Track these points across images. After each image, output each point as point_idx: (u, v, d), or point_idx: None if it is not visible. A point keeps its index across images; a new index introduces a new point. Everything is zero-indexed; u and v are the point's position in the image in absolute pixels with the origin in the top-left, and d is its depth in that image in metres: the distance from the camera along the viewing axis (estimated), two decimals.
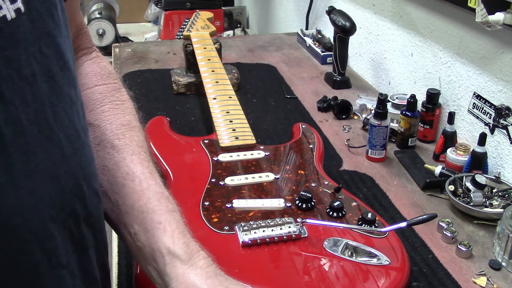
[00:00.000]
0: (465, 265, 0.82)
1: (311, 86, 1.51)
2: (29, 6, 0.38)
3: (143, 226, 0.52)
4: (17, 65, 0.37)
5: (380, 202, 0.97)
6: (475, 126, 1.10)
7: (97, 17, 2.51)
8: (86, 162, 0.45)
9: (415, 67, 1.32)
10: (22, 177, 0.37)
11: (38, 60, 0.39)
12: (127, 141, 0.56)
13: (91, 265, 0.47)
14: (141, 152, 0.57)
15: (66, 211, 0.42)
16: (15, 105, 0.37)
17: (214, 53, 1.33)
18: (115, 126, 0.56)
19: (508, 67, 0.99)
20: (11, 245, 0.37)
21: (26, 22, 0.38)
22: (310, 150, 1.01)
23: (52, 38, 0.41)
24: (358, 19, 1.54)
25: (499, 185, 0.94)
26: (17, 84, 0.37)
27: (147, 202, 0.53)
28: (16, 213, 0.37)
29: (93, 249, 0.47)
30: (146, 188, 0.54)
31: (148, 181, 0.55)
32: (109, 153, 0.55)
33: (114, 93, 0.60)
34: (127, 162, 0.55)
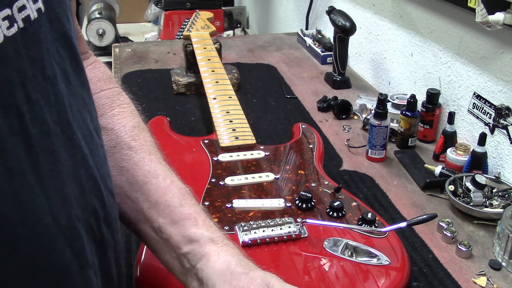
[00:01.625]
0: (465, 265, 0.82)
1: (311, 86, 1.51)
2: (48, 6, 0.38)
3: (169, 219, 0.54)
4: (41, 65, 0.37)
5: (380, 202, 0.97)
6: (475, 126, 1.10)
7: (97, 17, 2.51)
8: (101, 162, 0.46)
9: (415, 67, 1.32)
10: (50, 177, 0.38)
11: (57, 61, 0.39)
12: (142, 142, 0.58)
13: (110, 265, 0.47)
14: (157, 152, 0.59)
15: (88, 211, 0.42)
16: (41, 105, 0.37)
17: (214, 53, 1.33)
18: (128, 128, 0.58)
19: (508, 67, 0.99)
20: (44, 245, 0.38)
21: (46, 22, 0.38)
22: (310, 150, 1.01)
23: (67, 38, 0.41)
24: (358, 19, 1.54)
25: (499, 185, 0.94)
26: (41, 85, 0.37)
27: (173, 197, 0.55)
28: (47, 213, 0.37)
29: (112, 249, 0.47)
30: (170, 184, 0.56)
31: (171, 177, 0.57)
32: (126, 154, 0.56)
33: (119, 97, 0.61)
34: (146, 161, 0.56)
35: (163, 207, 0.54)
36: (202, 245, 0.52)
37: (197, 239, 0.53)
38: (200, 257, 0.52)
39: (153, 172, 0.56)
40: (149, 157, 0.57)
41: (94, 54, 0.63)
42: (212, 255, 0.52)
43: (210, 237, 0.53)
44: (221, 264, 0.51)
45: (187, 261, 0.53)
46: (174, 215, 0.54)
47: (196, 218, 0.55)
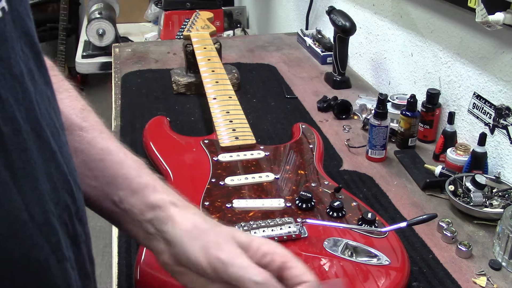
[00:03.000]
0: (465, 265, 0.82)
1: (311, 86, 1.51)
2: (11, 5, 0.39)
3: (129, 190, 0.55)
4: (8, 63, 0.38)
5: (380, 202, 0.97)
6: (475, 126, 1.10)
7: (97, 17, 2.51)
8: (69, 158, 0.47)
9: (415, 67, 1.32)
10: (23, 175, 0.38)
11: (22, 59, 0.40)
12: (93, 122, 0.60)
13: (84, 259, 0.48)
14: (107, 131, 0.61)
15: (61, 206, 0.43)
16: (10, 103, 0.37)
17: (214, 53, 1.33)
18: (77, 110, 0.60)
19: (508, 67, 0.99)
20: (23, 241, 0.38)
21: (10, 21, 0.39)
22: (310, 150, 1.01)
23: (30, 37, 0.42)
24: (358, 19, 1.54)
25: (499, 185, 0.94)
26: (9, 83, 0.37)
27: (129, 169, 0.57)
28: (22, 209, 0.38)
29: (84, 244, 0.48)
30: (125, 158, 0.58)
31: (124, 151, 0.59)
32: (79, 135, 0.58)
33: (64, 82, 0.63)
34: (98, 139, 0.58)
35: (121, 180, 0.56)
36: (165, 209, 0.54)
37: (158, 204, 0.54)
38: (165, 220, 0.54)
39: (106, 149, 0.58)
40: (100, 135, 0.59)
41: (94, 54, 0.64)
42: (176, 217, 0.54)
43: (171, 201, 0.55)
44: (187, 223, 0.53)
45: (151, 227, 0.54)
46: (132, 186, 0.56)
47: (155, 185, 0.56)
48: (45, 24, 3.51)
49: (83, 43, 2.70)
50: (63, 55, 3.03)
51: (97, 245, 2.41)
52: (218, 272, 0.49)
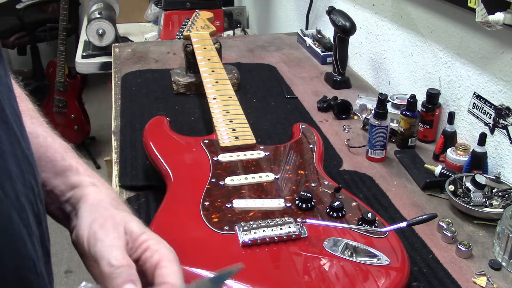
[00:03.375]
0: (465, 265, 0.82)
1: (311, 86, 1.51)
2: None
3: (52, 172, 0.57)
4: None
5: (380, 202, 0.97)
6: (475, 126, 1.10)
7: (97, 17, 2.51)
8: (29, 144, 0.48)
9: (415, 67, 1.32)
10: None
11: None
12: (24, 108, 0.60)
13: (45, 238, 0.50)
14: (39, 117, 0.62)
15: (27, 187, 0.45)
16: None
17: (214, 53, 1.33)
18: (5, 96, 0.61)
19: (508, 67, 0.99)
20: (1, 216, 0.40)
21: None
22: (310, 150, 1.01)
23: None
24: (358, 19, 1.54)
25: (499, 185, 0.94)
26: None
27: (54, 152, 0.58)
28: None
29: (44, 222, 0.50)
30: (52, 142, 0.59)
31: (52, 136, 0.60)
32: None
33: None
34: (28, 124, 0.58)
35: (45, 162, 0.57)
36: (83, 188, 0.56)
37: (78, 185, 0.56)
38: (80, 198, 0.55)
39: (34, 133, 0.58)
40: (30, 120, 0.60)
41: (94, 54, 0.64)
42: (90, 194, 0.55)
43: (91, 182, 0.57)
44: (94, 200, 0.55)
45: (69, 206, 0.56)
46: (56, 168, 0.57)
47: (78, 168, 0.58)
48: (45, 24, 3.51)
49: (83, 43, 2.70)
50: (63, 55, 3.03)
51: None
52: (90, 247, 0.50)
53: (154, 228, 0.76)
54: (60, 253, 2.37)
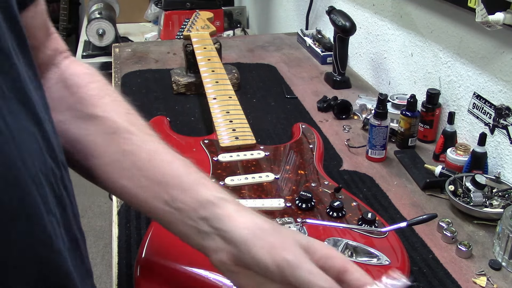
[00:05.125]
0: (465, 265, 0.82)
1: (311, 86, 1.51)
2: None
3: (180, 188, 0.55)
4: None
5: (380, 202, 0.97)
6: (475, 126, 1.10)
7: (97, 17, 2.51)
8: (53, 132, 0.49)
9: (415, 67, 1.32)
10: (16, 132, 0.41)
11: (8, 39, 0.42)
12: (140, 126, 0.61)
13: (71, 224, 0.50)
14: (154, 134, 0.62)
15: (48, 167, 0.46)
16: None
17: (214, 53, 1.33)
18: (123, 114, 0.61)
19: (508, 67, 0.99)
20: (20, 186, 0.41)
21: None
22: (310, 150, 1.01)
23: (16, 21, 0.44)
24: (358, 19, 1.54)
25: (499, 185, 0.94)
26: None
27: (178, 168, 0.57)
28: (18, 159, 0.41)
29: (70, 210, 0.50)
30: (173, 158, 0.59)
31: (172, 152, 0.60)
32: (126, 137, 0.59)
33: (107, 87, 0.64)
34: (146, 141, 0.60)
35: (171, 178, 0.56)
36: (219, 206, 0.53)
37: (211, 201, 0.54)
38: (222, 218, 0.53)
39: (154, 150, 0.59)
40: (149, 137, 0.60)
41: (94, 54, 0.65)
42: (234, 215, 0.53)
43: (223, 198, 0.55)
44: (248, 223, 0.52)
45: (206, 224, 0.53)
46: (183, 183, 0.56)
47: (205, 182, 0.56)
48: None
49: (83, 43, 2.70)
50: None
51: (97, 245, 2.41)
52: (284, 274, 0.49)
53: (154, 228, 0.76)
54: None
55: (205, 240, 0.54)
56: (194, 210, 0.54)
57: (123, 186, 0.57)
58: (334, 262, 0.51)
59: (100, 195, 2.63)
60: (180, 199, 0.55)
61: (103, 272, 2.23)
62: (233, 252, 0.52)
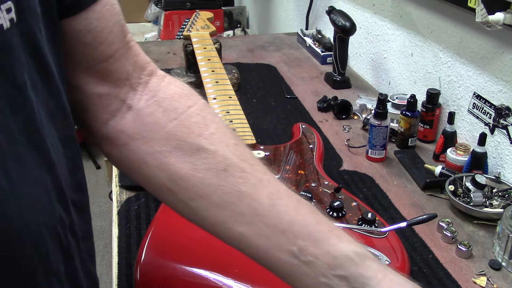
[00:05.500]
0: (465, 265, 0.82)
1: (311, 86, 1.51)
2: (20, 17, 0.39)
3: (311, 239, 0.49)
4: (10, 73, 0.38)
5: (380, 202, 0.97)
6: (475, 126, 1.10)
7: None
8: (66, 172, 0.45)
9: (415, 67, 1.32)
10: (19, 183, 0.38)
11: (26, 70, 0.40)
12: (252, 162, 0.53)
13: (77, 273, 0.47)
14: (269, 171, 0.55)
15: (55, 218, 0.42)
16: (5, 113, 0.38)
17: (214, 53, 1.33)
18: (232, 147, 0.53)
19: (508, 67, 0.99)
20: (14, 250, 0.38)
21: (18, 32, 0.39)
22: (310, 150, 1.01)
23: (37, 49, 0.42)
24: (358, 19, 1.54)
25: (499, 185, 0.94)
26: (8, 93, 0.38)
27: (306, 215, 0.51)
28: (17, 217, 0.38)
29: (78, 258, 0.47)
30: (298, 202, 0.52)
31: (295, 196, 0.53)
32: (241, 176, 0.51)
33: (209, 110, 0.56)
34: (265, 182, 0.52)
35: (299, 227, 0.49)
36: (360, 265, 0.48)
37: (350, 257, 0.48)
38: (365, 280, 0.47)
39: (276, 193, 0.51)
40: (266, 177, 0.53)
41: None
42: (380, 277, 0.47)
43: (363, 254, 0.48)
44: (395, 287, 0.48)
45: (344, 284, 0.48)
46: (314, 235, 0.49)
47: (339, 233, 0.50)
48: None
49: None
50: None
51: (97, 245, 2.41)
52: None
53: (154, 228, 0.76)
54: None
55: None
56: (329, 266, 0.48)
57: (239, 233, 0.50)
58: None
59: (100, 195, 2.63)
60: (311, 252, 0.48)
61: (103, 272, 2.23)
62: None
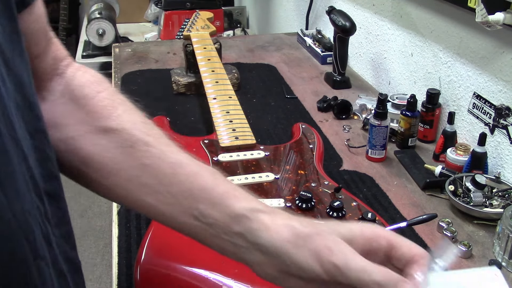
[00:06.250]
0: (465, 265, 0.82)
1: (311, 86, 1.51)
2: None
3: (209, 203, 0.52)
4: None
5: (380, 202, 0.97)
6: (475, 126, 1.10)
7: (97, 17, 2.51)
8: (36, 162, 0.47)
9: (415, 67, 1.32)
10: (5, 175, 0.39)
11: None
12: (157, 136, 0.58)
13: (57, 258, 0.48)
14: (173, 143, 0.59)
15: (34, 206, 0.44)
16: None
17: (214, 53, 1.33)
18: (138, 125, 0.57)
19: (508, 67, 0.99)
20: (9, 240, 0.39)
21: None
22: (310, 150, 1.01)
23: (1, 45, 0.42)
24: (358, 19, 1.54)
25: (499, 185, 0.94)
26: None
27: (205, 180, 0.54)
28: (7, 209, 0.39)
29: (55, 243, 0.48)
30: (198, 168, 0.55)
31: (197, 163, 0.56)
32: (146, 150, 0.55)
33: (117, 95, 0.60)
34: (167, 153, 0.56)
35: (198, 192, 0.53)
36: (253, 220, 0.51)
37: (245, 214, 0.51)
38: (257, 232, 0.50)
39: (177, 162, 0.55)
40: (168, 148, 0.57)
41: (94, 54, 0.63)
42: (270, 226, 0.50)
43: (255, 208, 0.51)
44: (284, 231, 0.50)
45: (241, 240, 0.51)
46: (212, 197, 0.52)
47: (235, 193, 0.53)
48: None
49: (83, 43, 2.70)
50: None
51: (97, 245, 2.41)
52: (335, 277, 0.47)
53: (154, 228, 0.76)
54: None
55: (245, 254, 0.51)
56: (227, 226, 0.51)
57: (148, 203, 0.54)
58: (380, 243, 0.49)
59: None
60: (210, 214, 0.52)
61: (103, 272, 2.23)
62: (276, 263, 0.50)
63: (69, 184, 0.61)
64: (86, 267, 2.28)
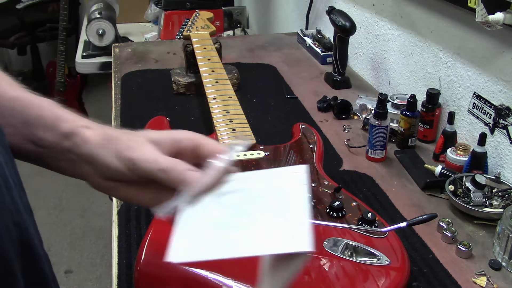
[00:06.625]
0: (465, 265, 0.82)
1: (311, 86, 1.51)
2: None
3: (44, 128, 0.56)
4: None
5: (380, 202, 0.97)
6: (475, 126, 1.10)
7: (97, 17, 2.51)
8: None
9: (415, 67, 1.32)
10: None
11: None
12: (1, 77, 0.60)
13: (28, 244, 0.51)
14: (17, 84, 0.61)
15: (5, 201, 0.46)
16: None
17: (214, 53, 1.33)
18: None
19: (508, 67, 0.99)
20: None
21: None
22: (310, 150, 1.01)
23: None
24: (358, 19, 1.54)
25: (499, 185, 0.94)
26: None
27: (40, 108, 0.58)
28: None
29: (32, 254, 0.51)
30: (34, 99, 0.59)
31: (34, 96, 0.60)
32: None
33: None
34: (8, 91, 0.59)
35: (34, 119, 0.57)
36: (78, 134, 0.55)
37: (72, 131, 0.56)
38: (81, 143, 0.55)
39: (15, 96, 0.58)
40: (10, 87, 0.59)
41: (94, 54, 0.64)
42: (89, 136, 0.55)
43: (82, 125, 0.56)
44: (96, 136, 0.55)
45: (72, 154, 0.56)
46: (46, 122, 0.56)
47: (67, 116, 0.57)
48: (45, 24, 3.51)
49: (83, 43, 2.70)
50: (63, 55, 3.04)
51: (97, 245, 2.41)
52: (134, 171, 0.52)
53: (154, 228, 0.76)
54: (60, 253, 2.38)
55: (79, 169, 0.56)
56: (59, 145, 0.56)
57: None
58: (186, 142, 0.54)
59: (100, 195, 2.63)
60: (46, 137, 0.56)
61: (103, 272, 2.23)
62: (96, 169, 0.54)
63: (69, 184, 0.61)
64: (86, 267, 2.28)
